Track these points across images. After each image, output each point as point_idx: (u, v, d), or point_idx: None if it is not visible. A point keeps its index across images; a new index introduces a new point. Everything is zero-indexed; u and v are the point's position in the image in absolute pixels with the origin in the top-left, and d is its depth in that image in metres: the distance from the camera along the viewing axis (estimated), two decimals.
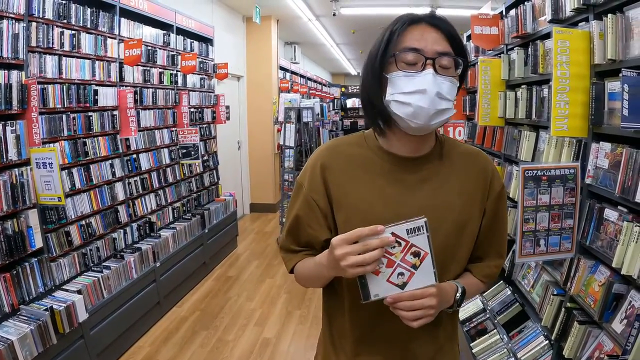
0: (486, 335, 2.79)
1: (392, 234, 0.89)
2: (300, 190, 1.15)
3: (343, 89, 14.20)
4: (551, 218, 2.16)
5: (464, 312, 3.07)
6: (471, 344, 2.81)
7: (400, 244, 0.89)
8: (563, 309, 2.12)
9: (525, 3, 2.69)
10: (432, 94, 0.97)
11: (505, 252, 1.23)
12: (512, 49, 2.97)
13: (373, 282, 0.92)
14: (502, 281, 2.97)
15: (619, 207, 1.81)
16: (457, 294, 1.06)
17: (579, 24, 2.10)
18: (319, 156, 1.15)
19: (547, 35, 2.44)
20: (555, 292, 2.25)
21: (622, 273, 1.68)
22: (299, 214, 1.14)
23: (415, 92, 0.98)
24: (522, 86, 2.77)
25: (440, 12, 7.18)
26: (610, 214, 1.85)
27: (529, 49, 2.68)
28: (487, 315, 2.89)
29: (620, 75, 1.68)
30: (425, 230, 0.89)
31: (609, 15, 1.80)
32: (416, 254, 0.90)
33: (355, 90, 13.79)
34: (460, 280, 1.12)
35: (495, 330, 2.76)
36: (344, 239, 0.90)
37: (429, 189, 1.09)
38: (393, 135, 1.10)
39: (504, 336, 2.64)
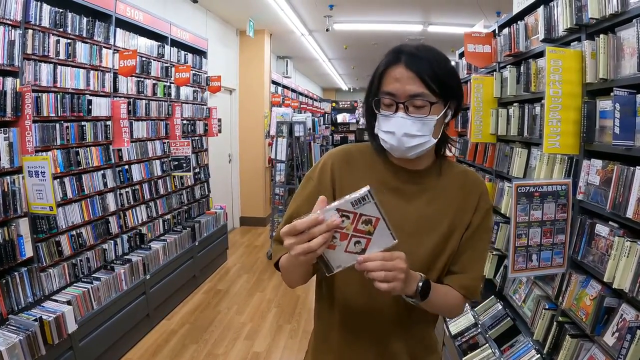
0: (478, 350, 2.79)
1: (338, 209, 0.90)
2: (309, 183, 1.22)
3: (334, 104, 14.22)
4: (543, 233, 2.19)
5: (455, 326, 3.08)
6: (463, 359, 2.81)
7: (348, 217, 0.91)
8: (555, 323, 2.13)
9: (518, 22, 2.75)
10: (399, 134, 1.09)
11: (482, 272, 1.25)
12: (504, 67, 3.02)
13: (331, 256, 0.95)
14: (493, 296, 2.99)
15: (610, 223, 1.85)
16: (420, 282, 1.04)
17: (571, 44, 2.15)
18: (332, 156, 1.23)
19: (540, 54, 2.49)
20: (547, 307, 2.27)
21: (613, 287, 1.71)
22: (301, 205, 1.19)
23: (388, 132, 1.11)
24: (514, 104, 2.81)
25: (432, 29, 7.28)
26: (602, 229, 1.88)
27: (522, 67, 2.72)
28: (479, 330, 2.90)
29: (612, 94, 1.72)
30: (370, 198, 0.90)
31: (601, 36, 1.85)
32: (368, 222, 0.92)
33: (346, 105, 13.82)
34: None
35: (486, 345, 2.77)
36: (287, 231, 0.91)
37: (425, 200, 1.18)
38: None
39: (496, 350, 2.65)
